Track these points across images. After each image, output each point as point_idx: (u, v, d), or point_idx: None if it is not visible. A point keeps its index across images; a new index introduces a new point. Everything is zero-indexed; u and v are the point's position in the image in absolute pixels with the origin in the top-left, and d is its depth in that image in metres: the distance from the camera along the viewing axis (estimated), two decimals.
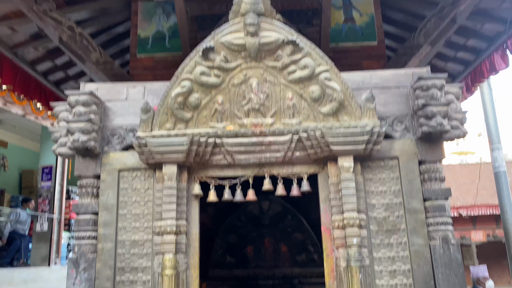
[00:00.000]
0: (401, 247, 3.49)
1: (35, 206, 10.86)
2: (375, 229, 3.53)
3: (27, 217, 10.37)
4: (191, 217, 3.60)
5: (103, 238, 3.58)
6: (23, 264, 9.88)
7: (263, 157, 3.58)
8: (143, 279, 3.51)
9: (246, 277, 5.60)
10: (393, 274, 3.43)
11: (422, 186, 3.58)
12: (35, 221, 10.69)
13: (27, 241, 10.30)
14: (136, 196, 3.68)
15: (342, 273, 3.33)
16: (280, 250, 5.73)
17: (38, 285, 8.81)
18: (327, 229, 3.55)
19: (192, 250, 3.55)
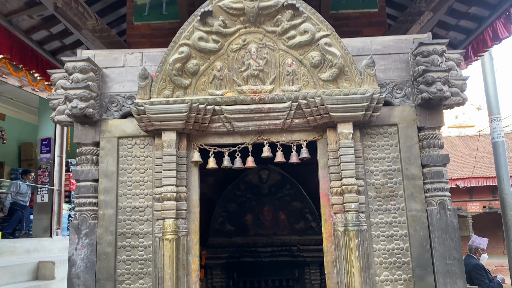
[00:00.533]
0: (398, 212, 3.54)
1: (35, 178, 10.94)
2: (373, 195, 3.57)
3: (27, 189, 10.46)
4: (191, 183, 3.63)
5: (103, 204, 3.62)
6: (25, 235, 10.03)
7: (262, 124, 3.57)
8: (144, 244, 3.56)
9: (246, 245, 5.70)
10: (390, 239, 3.49)
11: (421, 153, 3.60)
12: (35, 192, 10.79)
13: (28, 212, 10.43)
14: (135, 163, 3.70)
15: (340, 237, 3.38)
16: (279, 219, 5.81)
17: (41, 255, 8.96)
18: (325, 195, 3.58)
19: (192, 216, 3.59)
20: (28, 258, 8.53)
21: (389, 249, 3.48)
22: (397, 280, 3.43)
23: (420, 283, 3.40)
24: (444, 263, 3.40)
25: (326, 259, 3.49)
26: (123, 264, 3.54)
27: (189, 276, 3.47)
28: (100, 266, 3.52)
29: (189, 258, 3.51)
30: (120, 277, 3.52)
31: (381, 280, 3.44)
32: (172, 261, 3.31)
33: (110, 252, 3.54)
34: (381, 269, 3.46)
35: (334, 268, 3.44)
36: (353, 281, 3.22)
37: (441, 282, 3.38)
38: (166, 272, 3.29)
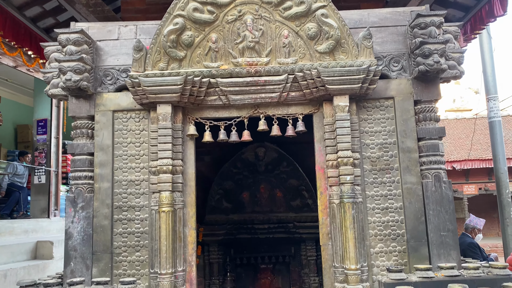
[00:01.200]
0: (394, 185, 3.55)
1: (32, 159, 10.91)
2: (368, 168, 3.58)
3: (24, 170, 10.45)
4: (187, 157, 3.62)
5: (99, 178, 3.62)
6: (23, 216, 10.05)
7: (258, 97, 3.55)
8: (140, 217, 3.58)
9: (242, 222, 5.73)
10: (385, 211, 3.52)
11: (417, 126, 3.60)
12: (32, 174, 10.77)
13: (26, 194, 10.43)
14: (131, 137, 3.68)
15: (335, 209, 3.40)
16: (275, 196, 5.83)
17: (39, 235, 9.00)
18: (321, 168, 3.59)
19: (188, 189, 3.59)
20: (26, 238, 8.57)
21: (384, 221, 3.51)
22: (391, 252, 3.47)
23: (414, 255, 3.44)
24: (438, 234, 3.44)
25: (322, 231, 3.51)
26: (120, 236, 3.56)
27: (185, 248, 3.50)
28: (96, 239, 3.54)
29: (186, 231, 3.52)
30: (117, 250, 3.54)
31: (376, 251, 3.47)
32: (168, 233, 3.33)
33: (106, 225, 3.56)
34: (376, 241, 3.49)
35: (329, 240, 3.47)
36: (348, 252, 3.25)
37: (435, 253, 3.41)
38: (163, 244, 3.31)
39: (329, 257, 3.45)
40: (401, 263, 3.44)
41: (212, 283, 5.65)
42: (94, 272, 3.49)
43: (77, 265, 3.49)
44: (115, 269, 3.52)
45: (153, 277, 3.40)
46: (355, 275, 3.20)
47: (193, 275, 3.49)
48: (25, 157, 10.67)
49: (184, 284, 3.43)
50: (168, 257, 3.30)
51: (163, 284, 3.26)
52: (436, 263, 3.38)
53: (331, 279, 3.43)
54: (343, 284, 3.28)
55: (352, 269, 3.21)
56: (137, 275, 3.49)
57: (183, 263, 3.45)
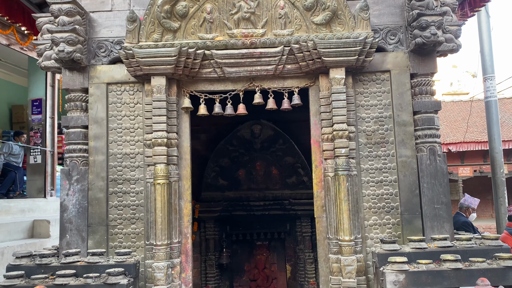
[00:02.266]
0: (388, 158, 3.56)
1: (27, 139, 10.86)
2: (363, 142, 3.58)
3: (20, 150, 10.41)
4: (182, 130, 3.61)
5: (94, 151, 3.60)
6: (20, 196, 10.06)
7: (253, 70, 3.52)
8: (135, 190, 3.58)
9: (238, 199, 5.74)
10: (380, 184, 3.53)
11: (413, 99, 3.59)
12: (28, 154, 10.74)
13: (22, 174, 10.42)
14: (125, 110, 3.66)
15: (330, 182, 3.41)
16: (271, 173, 5.83)
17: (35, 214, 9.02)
18: (316, 141, 3.59)
19: (183, 162, 3.59)
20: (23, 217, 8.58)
21: (378, 194, 3.53)
22: (385, 224, 3.50)
23: (408, 227, 3.47)
24: (432, 207, 3.46)
25: (316, 204, 3.53)
26: (115, 209, 3.57)
27: (181, 220, 3.51)
28: (92, 211, 3.55)
29: (181, 203, 3.53)
30: (112, 222, 3.56)
31: (370, 224, 3.50)
32: (163, 206, 3.34)
33: (101, 198, 3.56)
34: (370, 214, 3.51)
35: (324, 213, 3.49)
36: (342, 223, 3.28)
37: (429, 225, 3.45)
38: (158, 216, 3.32)
39: (324, 229, 3.48)
40: (394, 235, 3.47)
41: (208, 259, 5.70)
42: (90, 244, 3.51)
43: (72, 237, 3.51)
44: (110, 241, 3.54)
45: (148, 249, 3.42)
46: (349, 247, 3.24)
47: (188, 247, 3.51)
48: (21, 137, 10.61)
49: (179, 255, 3.46)
50: (164, 229, 3.32)
51: (158, 255, 3.28)
52: (429, 235, 3.42)
53: (325, 250, 3.46)
54: (337, 256, 3.32)
55: (346, 240, 3.24)
56: (133, 247, 3.52)
57: (179, 235, 3.47)
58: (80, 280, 3.06)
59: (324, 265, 3.46)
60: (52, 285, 2.99)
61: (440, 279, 2.96)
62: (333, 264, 3.32)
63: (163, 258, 3.28)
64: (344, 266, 3.21)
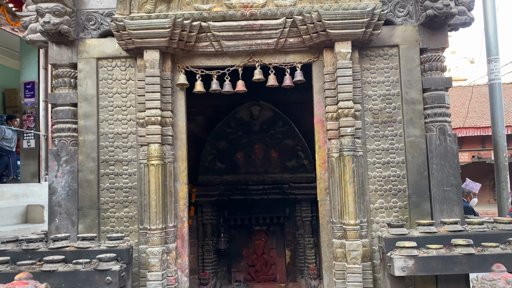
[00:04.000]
0: (396, 138, 3.37)
1: (20, 123, 10.61)
2: (370, 121, 3.38)
3: (13, 134, 10.16)
4: (177, 108, 3.40)
5: (84, 130, 3.39)
6: (13, 180, 9.85)
7: (253, 44, 3.30)
8: (128, 171, 3.39)
9: (236, 183, 5.57)
10: (387, 166, 3.35)
11: (422, 76, 3.39)
12: (21, 138, 10.50)
13: (15, 158, 10.18)
14: (117, 86, 3.44)
15: (334, 163, 3.23)
16: (270, 156, 5.65)
17: (29, 199, 8.83)
18: (320, 121, 3.39)
19: (179, 143, 3.39)
20: (16, 202, 8.40)
21: (385, 176, 3.35)
22: (392, 208, 3.33)
23: (416, 210, 3.30)
24: (441, 190, 3.29)
25: (319, 186, 3.35)
26: (107, 192, 3.38)
27: (176, 203, 3.33)
28: (82, 194, 3.36)
29: (177, 185, 3.35)
30: (104, 205, 3.37)
31: (376, 207, 3.33)
32: (158, 188, 3.15)
33: (92, 180, 3.36)
34: (376, 197, 3.34)
35: (327, 195, 3.31)
36: (346, 207, 3.10)
37: (438, 209, 3.28)
38: (152, 199, 3.14)
39: (327, 213, 3.30)
40: (401, 219, 3.31)
41: (206, 244, 5.55)
42: (80, 229, 3.33)
43: (62, 221, 3.32)
44: (102, 226, 3.36)
45: (142, 233, 3.25)
46: (354, 231, 3.06)
47: (184, 231, 3.34)
48: (13, 121, 10.35)
49: (175, 240, 3.28)
50: (158, 213, 3.13)
51: (153, 240, 3.10)
52: (438, 219, 3.25)
53: (329, 235, 3.29)
54: (341, 240, 3.15)
55: (351, 224, 3.07)
56: (126, 232, 3.34)
57: (174, 219, 3.29)
58: (69, 266, 2.88)
59: (327, 250, 3.30)
60: (39, 272, 2.81)
61: (451, 265, 2.80)
62: (337, 249, 3.16)
63: (157, 243, 3.10)
64: (349, 251, 3.04)
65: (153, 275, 3.05)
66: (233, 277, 5.85)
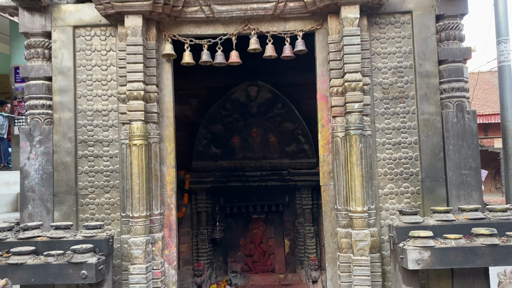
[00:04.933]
0: (408, 116, 3.02)
1: (11, 109, 10.24)
2: (379, 96, 3.02)
3: (3, 121, 9.80)
4: (163, 82, 3.04)
5: (59, 106, 3.04)
6: (4, 168, 9.52)
7: (249, 8, 2.93)
8: (109, 153, 3.04)
9: (233, 169, 5.24)
10: (398, 147, 3.00)
11: (438, 46, 3.02)
12: (12, 124, 10.14)
13: (6, 145, 9.85)
14: (96, 58, 3.07)
15: (339, 144, 2.88)
16: (268, 141, 5.31)
17: None
18: (323, 96, 3.03)
19: (165, 121, 3.04)
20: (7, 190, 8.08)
21: (396, 158, 3.00)
22: (403, 193, 2.99)
23: (430, 196, 2.96)
24: (458, 173, 2.95)
25: (322, 169, 3.00)
26: (86, 176, 3.04)
27: (163, 188, 2.99)
28: (58, 178, 3.01)
29: (163, 169, 3.00)
30: (83, 191, 3.03)
31: (385, 193, 2.99)
32: (141, 171, 2.80)
33: (69, 162, 3.02)
34: (386, 181, 3.00)
35: (331, 180, 2.97)
36: (353, 192, 2.75)
37: (454, 194, 2.94)
38: (135, 183, 2.79)
39: (331, 199, 2.97)
40: (414, 205, 2.97)
41: (200, 233, 5.24)
42: (56, 216, 2.99)
43: (35, 208, 2.98)
44: (81, 213, 3.02)
45: (124, 222, 2.91)
46: (361, 219, 2.73)
47: (172, 219, 3.00)
48: (4, 106, 9.98)
49: (162, 229, 2.95)
50: (142, 198, 2.79)
51: (136, 229, 2.77)
52: (455, 205, 2.91)
53: (332, 223, 2.96)
54: (346, 229, 2.82)
55: (358, 211, 2.73)
56: (107, 220, 3.00)
57: (161, 205, 2.95)
58: (40, 259, 2.54)
59: (331, 240, 2.96)
60: (5, 265, 2.48)
61: (472, 257, 2.47)
62: (341, 239, 2.82)
63: (141, 233, 2.76)
64: (355, 241, 2.71)
65: (136, 268, 2.72)
66: (230, 268, 5.58)
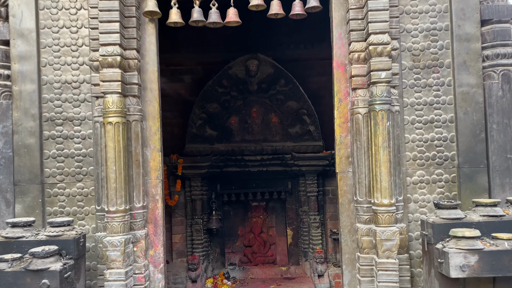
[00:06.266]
0: (443, 89, 2.50)
1: None
2: (408, 65, 2.50)
3: None
4: (146, 48, 2.49)
5: (19, 77, 2.50)
6: None
7: None
8: (82, 133, 2.52)
9: (230, 152, 4.75)
10: (429, 125, 2.50)
11: (481, 4, 2.50)
12: None
13: None
14: (64, 18, 2.53)
15: (360, 121, 2.36)
16: (270, 121, 4.82)
17: None
18: (341, 65, 2.50)
19: (149, 95, 2.50)
20: None
21: (427, 140, 2.50)
22: (435, 182, 2.49)
23: (468, 185, 2.47)
24: (503, 157, 2.46)
25: (339, 153, 2.49)
26: (53, 161, 2.52)
27: (146, 176, 2.47)
28: (20, 164, 2.50)
29: (146, 153, 2.48)
30: (50, 179, 2.52)
31: (414, 181, 2.49)
32: (118, 155, 2.28)
33: (33, 145, 2.50)
34: (415, 167, 2.50)
35: (350, 165, 2.46)
36: (378, 181, 2.25)
37: (498, 183, 2.45)
38: (110, 170, 2.27)
39: (349, 189, 2.46)
40: (448, 196, 2.48)
41: (195, 223, 4.80)
42: (18, 210, 2.49)
43: None
44: (48, 206, 2.51)
45: (100, 216, 2.41)
46: (388, 214, 2.23)
47: (158, 213, 2.49)
48: None
49: (145, 225, 2.45)
50: (120, 189, 2.28)
51: (112, 226, 2.26)
52: (498, 196, 2.43)
53: (351, 218, 2.46)
54: (368, 225, 2.33)
55: (384, 204, 2.23)
56: (80, 214, 2.50)
57: (144, 197, 2.44)
58: None
59: (348, 238, 2.47)
60: None
61: None
62: (362, 237, 2.34)
63: (119, 231, 2.26)
64: (380, 241, 2.22)
65: (113, 274, 2.23)
66: (227, 260, 5.17)
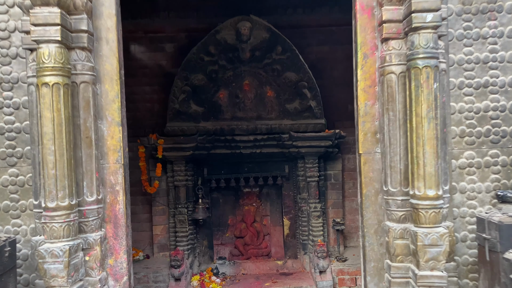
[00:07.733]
0: (501, 41, 1.94)
1: None
2: (456, 9, 1.90)
3: None
4: None
5: None
6: None
7: None
8: (14, 100, 1.87)
9: (219, 132, 4.21)
10: (482, 91, 1.89)
11: None
12: None
13: None
14: None
15: (393, 84, 1.74)
16: (265, 96, 4.28)
17: None
18: (365, 7, 1.85)
19: (105, 48, 1.83)
20: None
21: (479, 110, 1.90)
22: (489, 165, 1.90)
23: None
24: None
25: (363, 128, 1.87)
26: None
27: (102, 160, 1.82)
28: None
29: (102, 127, 1.82)
30: None
31: (460, 165, 1.89)
32: (59, 129, 1.62)
33: None
34: (462, 146, 1.90)
35: (377, 145, 1.84)
36: (420, 165, 1.64)
37: None
38: (48, 150, 1.61)
39: (376, 176, 1.85)
40: (506, 185, 1.88)
41: (179, 213, 4.28)
42: None
43: None
44: None
45: (39, 214, 1.76)
46: (434, 209, 1.63)
47: (119, 209, 1.85)
48: None
49: (101, 225, 1.81)
50: (62, 176, 1.63)
51: (52, 229, 1.62)
52: None
53: (378, 214, 1.86)
54: (404, 225, 1.74)
55: (429, 197, 1.63)
56: (14, 210, 1.87)
57: (98, 188, 1.79)
58: None
59: (374, 241, 1.87)
60: None
61: None
62: (395, 240, 1.75)
63: (61, 235, 1.63)
64: (423, 246, 1.63)
65: None
66: (216, 253, 4.67)
